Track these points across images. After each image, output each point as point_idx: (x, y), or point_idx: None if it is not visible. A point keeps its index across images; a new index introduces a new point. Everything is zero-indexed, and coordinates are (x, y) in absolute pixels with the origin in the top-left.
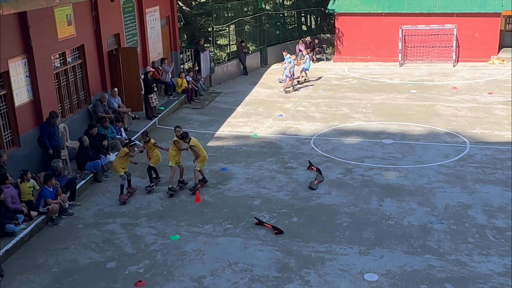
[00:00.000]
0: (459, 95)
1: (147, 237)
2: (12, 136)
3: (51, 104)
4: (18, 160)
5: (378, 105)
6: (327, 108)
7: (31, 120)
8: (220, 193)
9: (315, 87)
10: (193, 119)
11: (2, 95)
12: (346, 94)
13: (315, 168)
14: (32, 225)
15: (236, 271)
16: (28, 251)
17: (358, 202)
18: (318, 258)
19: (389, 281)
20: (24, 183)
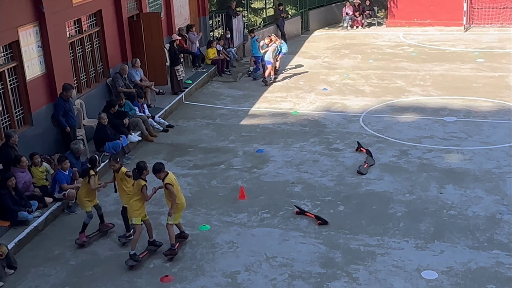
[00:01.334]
0: None
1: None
2: (23, 114)
3: (66, 78)
4: (30, 140)
5: (438, 77)
6: (379, 81)
7: (44, 96)
8: (256, 178)
9: (365, 56)
10: (224, 94)
11: (12, 68)
12: (401, 64)
13: (364, 149)
14: (47, 212)
15: (274, 266)
16: (43, 241)
17: (415, 189)
18: (368, 252)
19: (450, 280)
20: (36, 167)
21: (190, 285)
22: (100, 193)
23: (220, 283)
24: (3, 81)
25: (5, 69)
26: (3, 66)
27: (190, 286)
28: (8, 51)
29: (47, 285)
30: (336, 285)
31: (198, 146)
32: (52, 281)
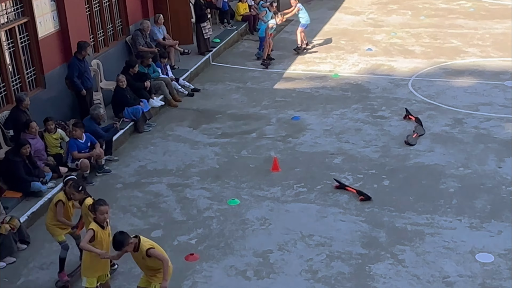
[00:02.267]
0: None
1: (199, 200)
2: (35, 76)
3: (81, 35)
4: (43, 104)
5: (499, 36)
6: (431, 40)
7: (58, 55)
8: (291, 148)
9: (416, 12)
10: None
11: (22, 25)
12: (457, 21)
13: (414, 117)
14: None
15: (310, 246)
16: None
17: (470, 162)
18: (415, 232)
19: (508, 264)
20: (49, 134)
21: (217, 264)
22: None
23: (251, 263)
24: (14, 39)
25: (15, 26)
26: (13, 22)
27: (218, 265)
28: (18, 6)
29: None
30: (379, 267)
31: (227, 112)
32: (68, 257)
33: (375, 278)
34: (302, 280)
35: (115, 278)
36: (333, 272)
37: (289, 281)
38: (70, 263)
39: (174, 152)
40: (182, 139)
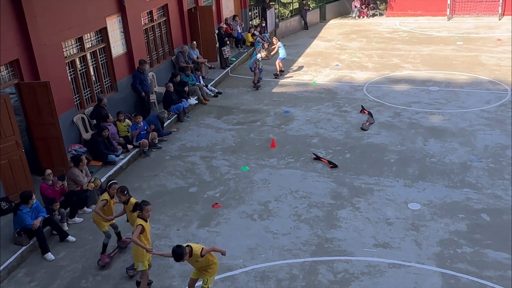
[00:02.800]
0: (503, 46)
1: (222, 167)
2: (110, 83)
3: (141, 56)
4: (116, 102)
5: (426, 56)
6: (379, 59)
7: (126, 69)
8: (283, 132)
9: (368, 40)
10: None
11: (102, 48)
12: (397, 46)
13: (367, 111)
14: (129, 156)
15: (296, 198)
16: (126, 177)
17: (405, 142)
18: (367, 189)
19: (430, 210)
20: (120, 122)
21: (233, 210)
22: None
23: (256, 209)
24: (96, 57)
25: (96, 49)
26: (95, 47)
27: (234, 211)
28: (99, 35)
29: None
30: (343, 213)
31: (240, 107)
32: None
33: (340, 219)
34: (290, 221)
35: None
36: (312, 216)
37: (282, 221)
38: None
39: (204, 134)
40: (210, 126)
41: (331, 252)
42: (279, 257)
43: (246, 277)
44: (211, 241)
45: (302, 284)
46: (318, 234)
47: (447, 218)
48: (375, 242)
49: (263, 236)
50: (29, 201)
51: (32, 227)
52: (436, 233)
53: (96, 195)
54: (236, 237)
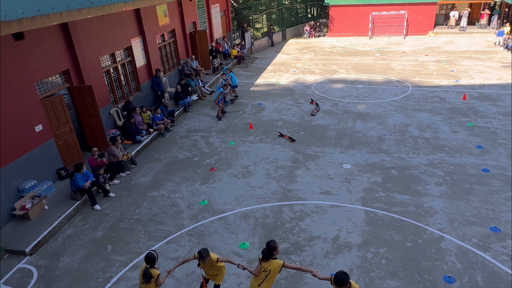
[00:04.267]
0: (406, 57)
1: (216, 143)
2: (136, 85)
3: (157, 66)
4: (140, 99)
5: (354, 64)
6: (323, 66)
7: (146, 75)
8: (258, 118)
9: (315, 53)
10: (241, 74)
11: (129, 61)
12: (335, 57)
13: (315, 102)
14: (150, 136)
15: (268, 162)
16: (149, 151)
17: (340, 123)
18: (315, 155)
19: (357, 168)
20: (144, 113)
21: (225, 172)
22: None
23: (240, 171)
24: (124, 67)
25: (125, 61)
26: (124, 60)
27: (225, 172)
28: (126, 52)
29: (152, 172)
30: (299, 172)
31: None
32: (154, 170)
33: (297, 176)
34: (264, 178)
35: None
36: (278, 174)
37: (258, 179)
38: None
39: (203, 120)
40: (207, 115)
41: (291, 198)
42: (256, 203)
43: (234, 217)
44: (210, 193)
45: (272, 220)
46: (283, 186)
47: (369, 173)
48: (321, 191)
49: (245, 189)
50: (81, 170)
51: (84, 187)
52: (361, 184)
53: (128, 164)
54: (226, 190)
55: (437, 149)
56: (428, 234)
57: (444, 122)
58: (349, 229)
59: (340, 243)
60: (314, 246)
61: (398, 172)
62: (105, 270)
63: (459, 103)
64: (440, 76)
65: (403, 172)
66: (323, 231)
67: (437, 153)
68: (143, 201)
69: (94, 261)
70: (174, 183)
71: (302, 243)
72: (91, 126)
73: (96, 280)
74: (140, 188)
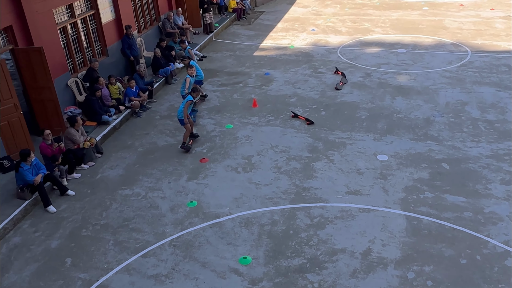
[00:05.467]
0: (464, 11)
1: (208, 125)
2: (101, 48)
3: (130, 22)
4: (107, 67)
5: (394, 21)
6: (352, 23)
7: (115, 35)
8: (264, 92)
9: (342, 6)
10: (242, 33)
11: (91, 15)
12: (368, 11)
13: (340, 72)
14: (121, 116)
15: (276, 152)
16: (119, 135)
17: (375, 100)
18: (340, 143)
19: (396, 161)
20: (111, 85)
21: (220, 164)
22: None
23: (240, 163)
24: (86, 24)
25: (86, 15)
26: (85, 13)
27: (220, 164)
28: (88, 2)
29: (124, 164)
30: (318, 164)
31: (224, 70)
32: (127, 162)
33: (316, 170)
34: (271, 172)
35: None
36: (290, 168)
37: (263, 173)
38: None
39: None
40: None
41: (308, 200)
42: (261, 205)
43: (232, 223)
44: (200, 192)
45: (283, 228)
46: (296, 183)
47: (412, 167)
48: (347, 190)
49: (246, 186)
50: (28, 158)
51: (34, 183)
52: (402, 181)
53: (92, 153)
54: (222, 188)
55: (504, 136)
56: (490, 248)
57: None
58: (384, 240)
59: (372, 258)
60: (337, 262)
61: (451, 166)
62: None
63: None
64: (510, 38)
65: (457, 165)
66: (349, 243)
67: (503, 140)
68: (112, 202)
69: (49, 278)
70: (152, 178)
71: (322, 258)
72: (42, 102)
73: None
74: (108, 185)
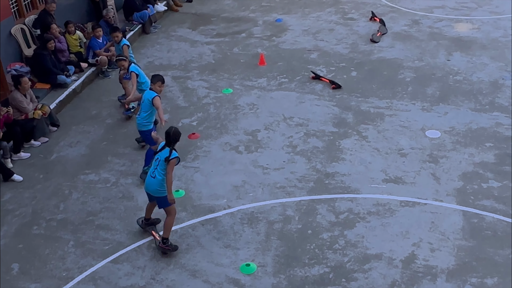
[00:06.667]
0: None
1: (199, 90)
2: None
3: None
4: (64, 10)
5: None
6: None
7: None
8: (275, 45)
9: None
10: None
11: None
12: None
13: (378, 18)
14: (83, 76)
15: (291, 126)
16: (81, 102)
17: (424, 56)
18: (377, 114)
19: (452, 138)
20: (70, 35)
21: (215, 141)
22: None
23: (242, 140)
24: None
25: None
26: None
27: (215, 142)
28: None
29: (87, 141)
30: (347, 143)
31: (221, 15)
32: (91, 137)
33: (343, 151)
34: (284, 153)
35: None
36: (309, 147)
37: (273, 154)
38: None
39: (176, 49)
40: (183, 39)
41: (333, 189)
42: (270, 196)
43: (231, 219)
44: (188, 178)
45: (298, 227)
46: (317, 168)
47: (472, 147)
48: (385, 177)
49: (251, 171)
50: None
51: None
52: (458, 165)
53: (45, 125)
54: (218, 173)
55: None
56: None
57: None
58: (433, 243)
59: (418, 267)
60: (371, 271)
61: None
62: None
63: None
64: None
65: None
66: (387, 247)
67: None
68: (72, 190)
69: None
70: (125, 158)
71: (351, 266)
72: None
73: None
74: (66, 168)
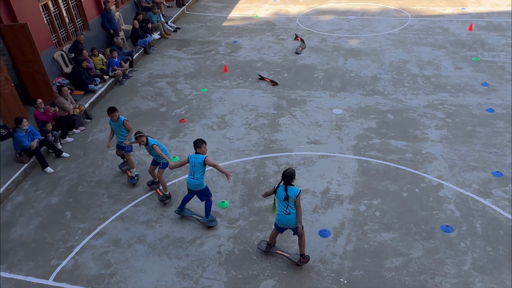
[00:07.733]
0: None
1: (185, 90)
2: (82, 23)
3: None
4: (90, 40)
5: None
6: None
7: (94, 10)
8: (233, 58)
9: None
10: (211, 6)
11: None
12: None
13: (299, 38)
14: (106, 84)
15: (246, 111)
16: (105, 102)
17: (330, 61)
18: (301, 100)
19: (349, 113)
20: (95, 57)
21: (197, 123)
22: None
23: (215, 121)
24: (66, 0)
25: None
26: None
27: (197, 123)
28: None
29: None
30: (283, 120)
31: (197, 40)
32: None
33: (281, 125)
34: (243, 129)
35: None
36: (259, 124)
37: (236, 130)
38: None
39: (168, 64)
40: (172, 57)
41: (275, 150)
42: (235, 157)
43: (210, 173)
44: (181, 148)
45: (254, 175)
46: (265, 137)
47: (362, 118)
48: (308, 140)
49: (222, 142)
50: (20, 125)
51: (30, 148)
52: (354, 130)
53: (82, 119)
54: None
55: (438, 88)
56: (426, 182)
57: (446, 57)
58: (340, 180)
59: (330, 196)
60: (302, 201)
61: (394, 116)
62: (65, 240)
63: (464, 35)
64: (444, 3)
65: (400, 115)
66: (311, 184)
67: (438, 92)
68: (103, 161)
69: (52, 230)
70: None
71: None
72: (31, 74)
73: (56, 251)
74: (98, 146)
